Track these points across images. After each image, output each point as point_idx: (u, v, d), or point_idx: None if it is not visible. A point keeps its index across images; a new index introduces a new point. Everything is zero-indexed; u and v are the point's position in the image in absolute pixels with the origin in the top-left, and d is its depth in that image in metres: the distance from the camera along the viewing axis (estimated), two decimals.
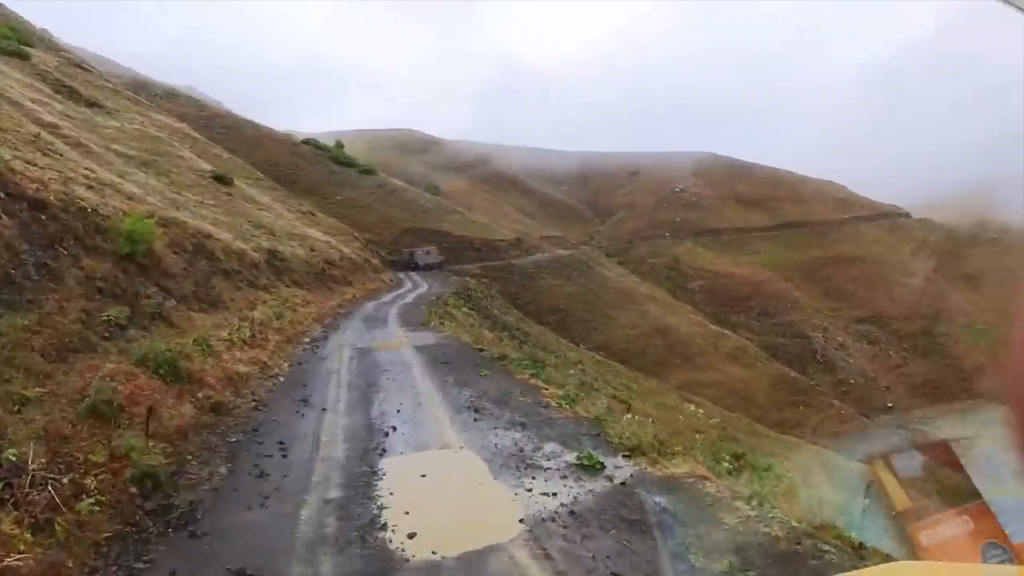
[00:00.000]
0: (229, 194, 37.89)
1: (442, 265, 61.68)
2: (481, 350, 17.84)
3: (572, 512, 6.92)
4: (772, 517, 6.92)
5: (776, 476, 16.33)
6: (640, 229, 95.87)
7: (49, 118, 25.93)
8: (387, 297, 37.11)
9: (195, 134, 56.61)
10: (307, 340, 18.45)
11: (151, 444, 7.85)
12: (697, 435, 15.40)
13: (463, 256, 65.37)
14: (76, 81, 42.47)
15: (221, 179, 39.36)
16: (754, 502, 7.30)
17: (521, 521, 6.70)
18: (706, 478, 8.04)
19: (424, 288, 43.99)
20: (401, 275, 53.08)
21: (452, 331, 22.40)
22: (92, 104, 39.12)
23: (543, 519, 6.75)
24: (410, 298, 37.25)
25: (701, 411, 31.58)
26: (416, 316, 27.43)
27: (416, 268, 59.27)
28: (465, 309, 36.80)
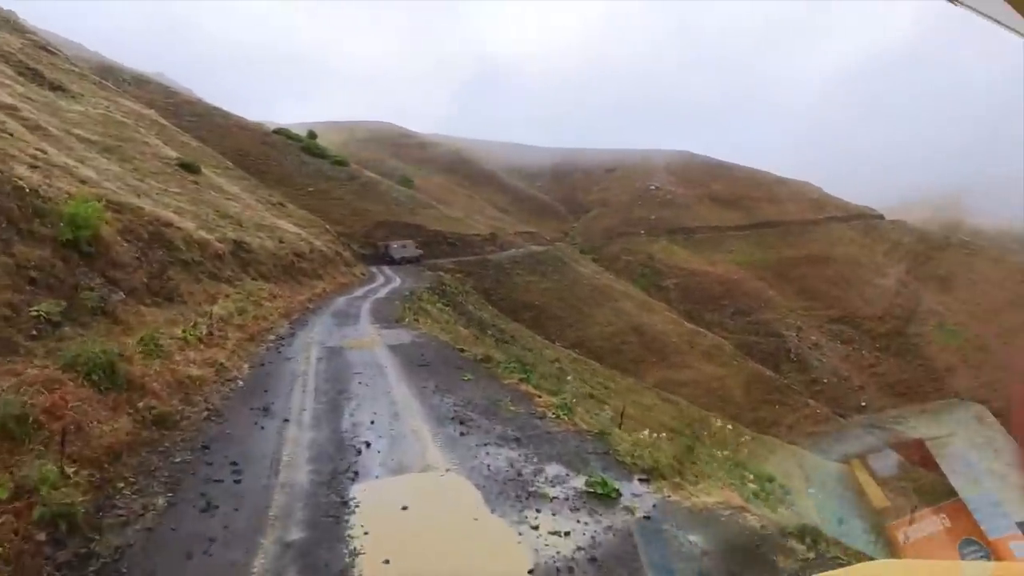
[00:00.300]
0: (196, 183, 36.32)
1: (420, 259, 59.98)
2: (461, 350, 16.35)
3: (593, 559, 5.59)
4: (833, 558, 5.69)
5: (781, 487, 15.27)
6: (615, 226, 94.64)
7: (8, 99, 24.54)
8: (359, 292, 35.54)
9: (163, 121, 54.58)
10: (272, 338, 16.87)
11: (72, 472, 6.37)
12: (720, 452, 14.13)
13: (437, 250, 63.64)
14: (41, 64, 40.81)
15: (188, 167, 37.69)
16: (808, 539, 6.04)
17: (531, 573, 5.35)
18: (744, 509, 6.76)
19: (397, 283, 42.39)
20: (374, 269, 51.29)
21: (428, 329, 20.93)
22: (56, 88, 37.54)
23: (558, 569, 5.41)
24: (383, 293, 35.73)
25: (730, 427, 30.41)
26: (389, 312, 25.95)
27: (392, 262, 57.22)
28: (440, 305, 35.35)
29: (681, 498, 7.02)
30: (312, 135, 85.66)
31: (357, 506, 6.63)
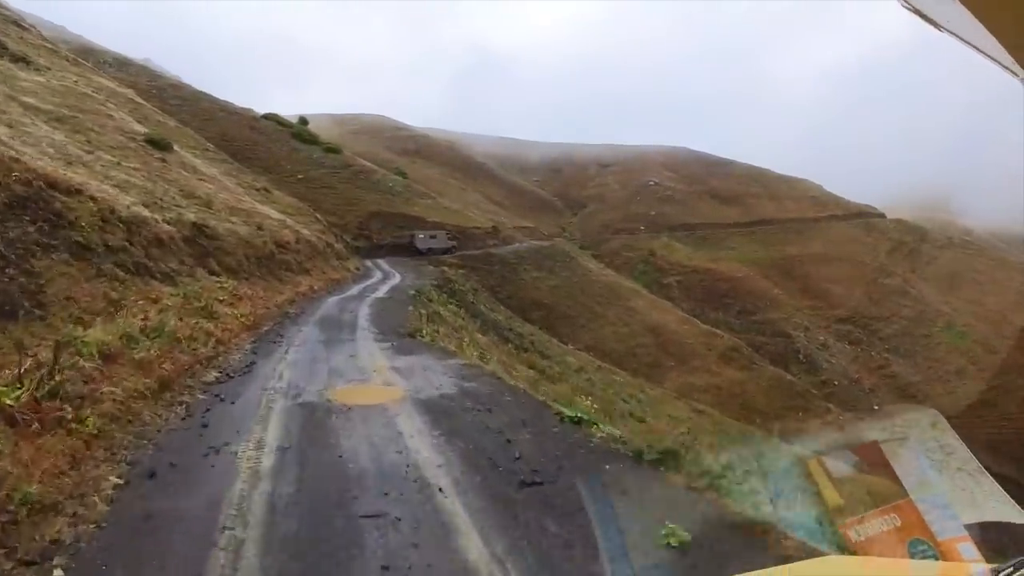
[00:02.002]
0: (163, 160, 30.06)
1: (451, 250, 53.07)
2: (576, 421, 7.58)
3: None
4: None
5: None
6: (613, 222, 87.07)
7: None
8: (353, 290, 27.89)
9: (139, 99, 47.66)
10: (207, 380, 8.74)
11: None
12: None
13: None
14: (8, 37, 35.91)
15: (156, 143, 31.64)
16: None
17: None
18: None
19: (397, 279, 34.62)
20: (368, 263, 43.62)
21: (467, 356, 12.81)
22: (19, 59, 33.11)
23: None
24: (382, 291, 28.14)
25: None
26: (397, 319, 18.34)
27: (418, 254, 50.66)
28: (452, 307, 27.79)
29: None
30: (303, 121, 77.29)
31: None
